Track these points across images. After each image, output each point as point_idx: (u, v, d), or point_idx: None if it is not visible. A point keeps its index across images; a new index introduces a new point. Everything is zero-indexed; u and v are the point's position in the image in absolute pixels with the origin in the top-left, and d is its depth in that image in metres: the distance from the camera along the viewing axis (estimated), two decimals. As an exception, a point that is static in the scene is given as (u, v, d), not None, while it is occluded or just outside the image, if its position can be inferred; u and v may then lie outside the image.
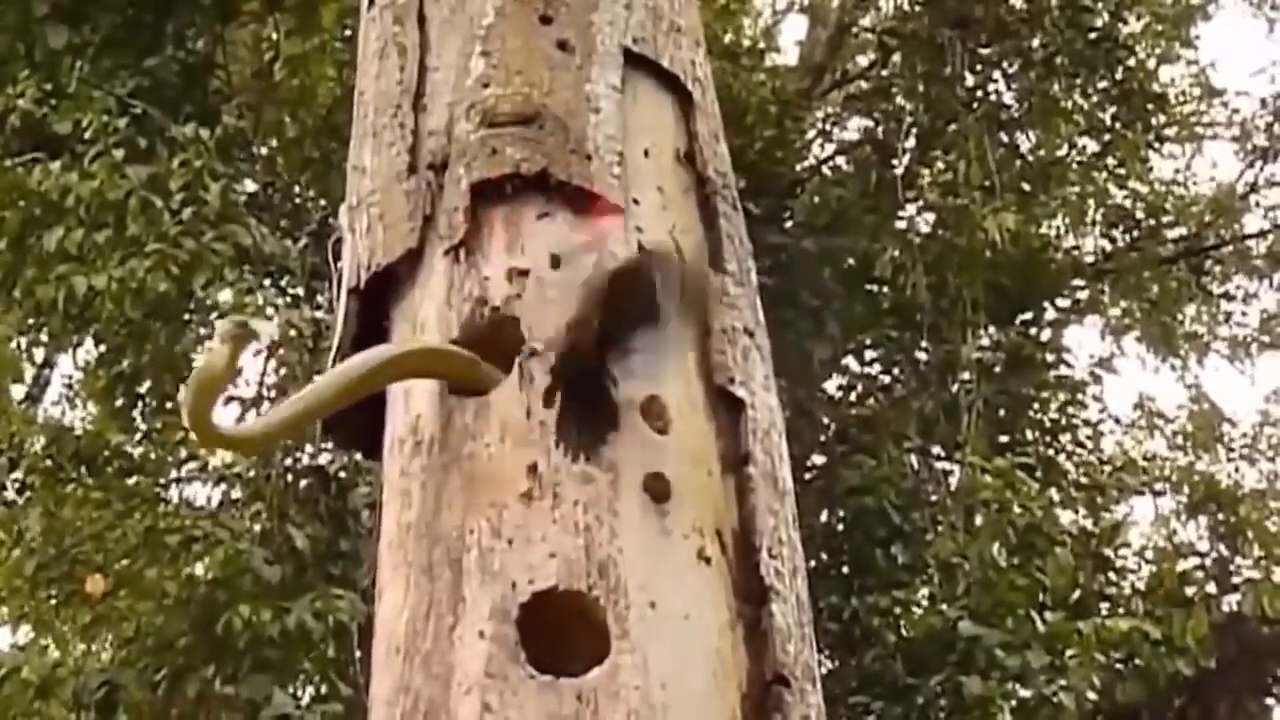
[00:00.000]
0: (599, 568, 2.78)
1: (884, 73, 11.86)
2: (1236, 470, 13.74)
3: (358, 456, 7.92)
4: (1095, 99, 11.54)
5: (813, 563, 9.33)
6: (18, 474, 8.79)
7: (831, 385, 11.23)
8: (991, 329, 10.66)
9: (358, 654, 7.37)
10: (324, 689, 8.21)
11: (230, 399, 8.94)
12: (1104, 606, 9.45)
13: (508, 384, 3.09)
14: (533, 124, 3.43)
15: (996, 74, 11.27)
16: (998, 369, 10.57)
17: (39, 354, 10.36)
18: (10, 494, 8.98)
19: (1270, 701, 10.69)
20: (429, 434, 3.11)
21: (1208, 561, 11.22)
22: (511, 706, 2.61)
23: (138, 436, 8.73)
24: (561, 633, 2.72)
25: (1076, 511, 10.72)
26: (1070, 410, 11.15)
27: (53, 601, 8.29)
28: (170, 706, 7.54)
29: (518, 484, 2.90)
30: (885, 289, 10.71)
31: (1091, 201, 12.52)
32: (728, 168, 3.77)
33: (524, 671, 2.64)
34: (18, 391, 10.73)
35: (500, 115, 3.45)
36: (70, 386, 10.62)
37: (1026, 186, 11.19)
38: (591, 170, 3.38)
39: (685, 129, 3.69)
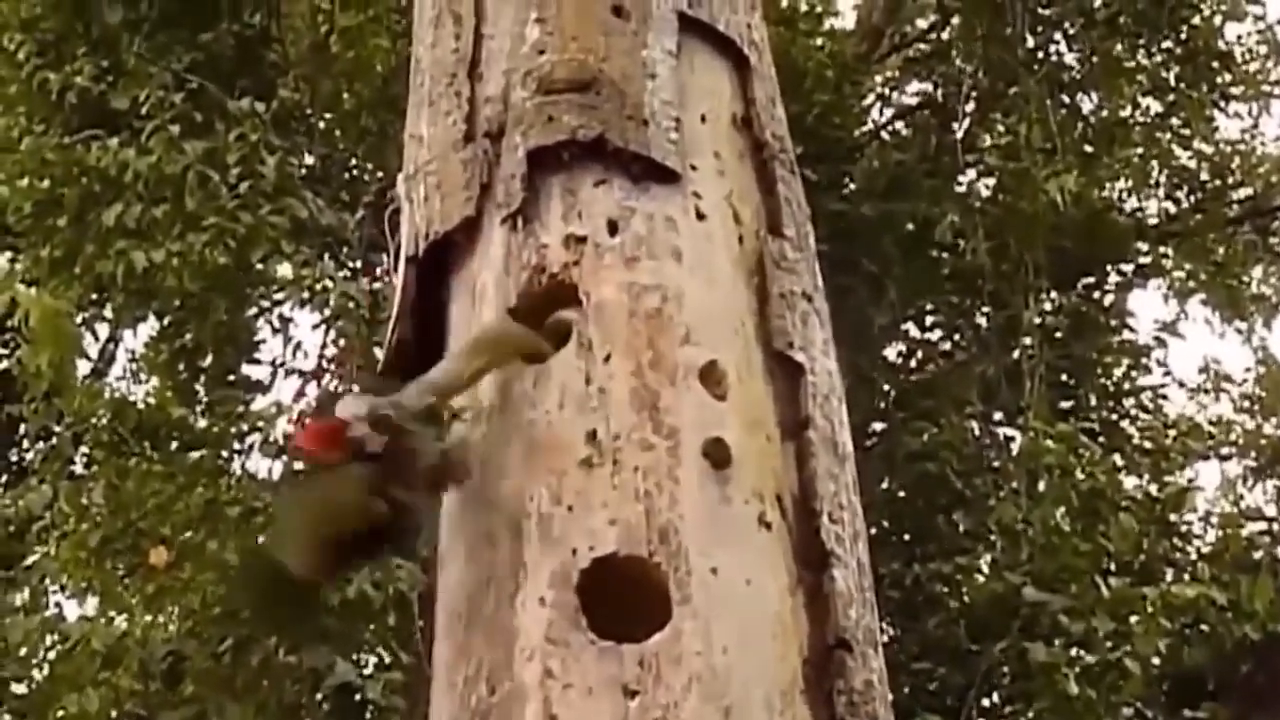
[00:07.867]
0: (659, 534, 2.77)
1: (943, 35, 11.74)
2: (1305, 433, 13.50)
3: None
4: (1159, 58, 11.35)
5: (874, 529, 9.28)
6: (84, 448, 8.86)
7: (892, 351, 11.15)
8: (1054, 293, 10.55)
9: (419, 623, 7.39)
10: (386, 658, 8.26)
11: (290, 371, 9.01)
12: (1169, 572, 9.35)
13: (566, 351, 3.09)
14: (589, 90, 3.41)
15: (1058, 34, 11.11)
16: (1060, 333, 10.46)
17: (102, 329, 10.43)
18: (78, 468, 9.06)
19: (1339, 665, 10.55)
20: (488, 402, 3.11)
21: (1275, 526, 11.09)
22: (573, 672, 2.61)
23: (199, 409, 8.78)
24: (622, 599, 2.72)
25: (1141, 477, 10.60)
26: (1134, 374, 11.02)
27: (118, 573, 8.38)
28: (234, 675, 7.60)
29: (577, 450, 2.90)
30: (945, 254, 10.60)
31: (1155, 163, 12.33)
32: (785, 132, 3.74)
33: (585, 637, 2.65)
34: (83, 366, 10.81)
35: (556, 82, 3.43)
36: (135, 360, 10.70)
37: (1089, 148, 11.03)
38: (648, 136, 3.36)
39: (742, 94, 3.66)
